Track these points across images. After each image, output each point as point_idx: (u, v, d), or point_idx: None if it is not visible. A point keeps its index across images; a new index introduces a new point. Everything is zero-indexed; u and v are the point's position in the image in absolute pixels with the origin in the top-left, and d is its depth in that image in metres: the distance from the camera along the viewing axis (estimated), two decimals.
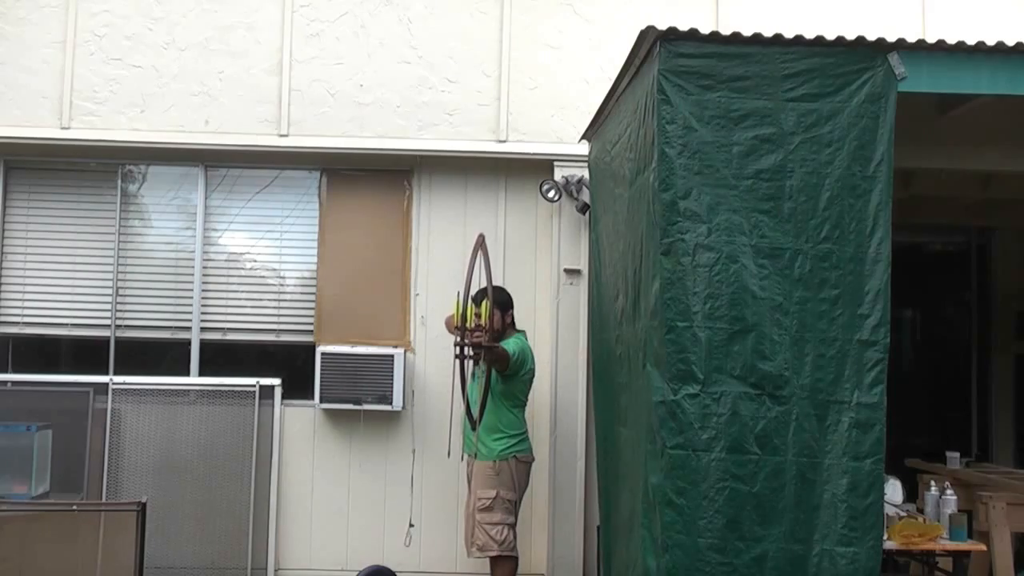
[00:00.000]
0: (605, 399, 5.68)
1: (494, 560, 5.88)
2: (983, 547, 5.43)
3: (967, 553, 5.26)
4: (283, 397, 6.78)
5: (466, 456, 6.10)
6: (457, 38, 6.93)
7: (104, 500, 6.49)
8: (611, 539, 5.49)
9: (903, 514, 5.33)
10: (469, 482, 6.06)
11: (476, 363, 5.76)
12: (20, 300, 6.98)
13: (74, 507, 5.71)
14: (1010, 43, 4.36)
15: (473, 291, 5.72)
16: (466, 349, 5.59)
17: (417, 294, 6.93)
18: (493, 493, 5.85)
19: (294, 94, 6.86)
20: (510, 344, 5.87)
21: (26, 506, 5.80)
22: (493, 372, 5.67)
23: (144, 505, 5.43)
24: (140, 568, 5.38)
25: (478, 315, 5.58)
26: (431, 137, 6.85)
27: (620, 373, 5.16)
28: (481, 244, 5.82)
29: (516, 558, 5.95)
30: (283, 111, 6.84)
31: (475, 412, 5.74)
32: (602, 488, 5.81)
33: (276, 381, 6.78)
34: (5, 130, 6.77)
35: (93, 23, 6.87)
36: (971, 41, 4.36)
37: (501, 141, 6.85)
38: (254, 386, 6.75)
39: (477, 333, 5.57)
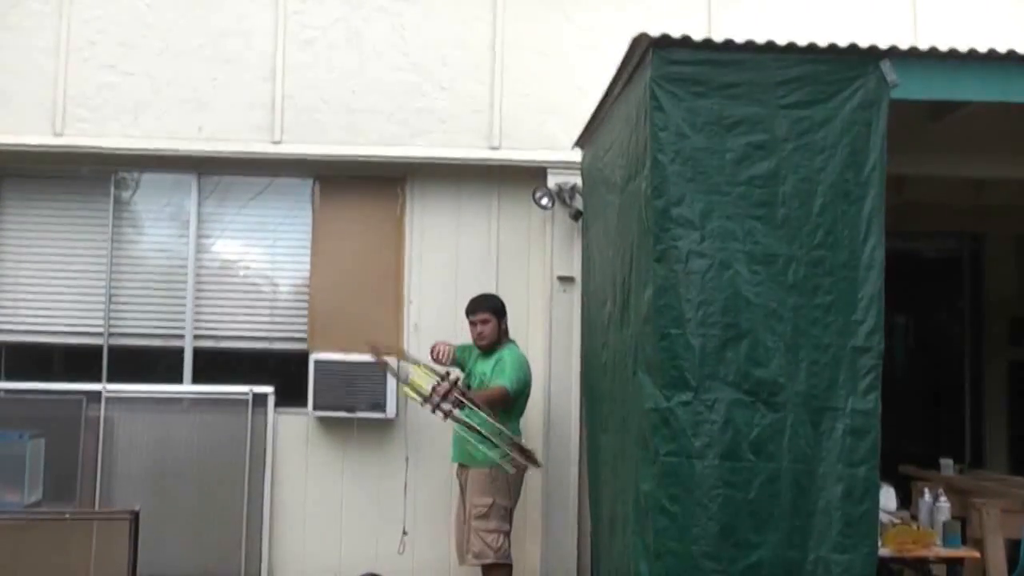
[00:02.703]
0: (592, 405, 5.68)
1: (488, 568, 5.87)
2: (977, 554, 5.44)
3: (961, 560, 5.27)
4: (276, 405, 6.76)
5: (457, 464, 6.10)
6: (450, 45, 6.93)
7: (97, 508, 6.45)
8: (599, 545, 5.48)
9: (897, 521, 5.33)
10: (462, 490, 6.06)
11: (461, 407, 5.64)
12: (13, 308, 6.95)
13: (67, 515, 5.70)
14: (1001, 50, 4.37)
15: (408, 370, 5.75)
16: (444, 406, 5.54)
17: (410, 302, 6.91)
18: (489, 500, 5.84)
19: (287, 100, 6.85)
20: (506, 367, 5.87)
21: (19, 514, 5.78)
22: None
23: (137, 513, 5.39)
24: None
25: (441, 376, 5.60)
26: (424, 144, 6.84)
27: (605, 379, 5.16)
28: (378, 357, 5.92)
29: (511, 565, 5.94)
30: (276, 118, 6.82)
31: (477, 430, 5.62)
32: (590, 494, 5.81)
33: (269, 389, 6.75)
34: None
35: (86, 29, 6.86)
36: (963, 48, 4.37)
37: (494, 148, 6.85)
38: (247, 394, 6.72)
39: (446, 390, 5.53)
